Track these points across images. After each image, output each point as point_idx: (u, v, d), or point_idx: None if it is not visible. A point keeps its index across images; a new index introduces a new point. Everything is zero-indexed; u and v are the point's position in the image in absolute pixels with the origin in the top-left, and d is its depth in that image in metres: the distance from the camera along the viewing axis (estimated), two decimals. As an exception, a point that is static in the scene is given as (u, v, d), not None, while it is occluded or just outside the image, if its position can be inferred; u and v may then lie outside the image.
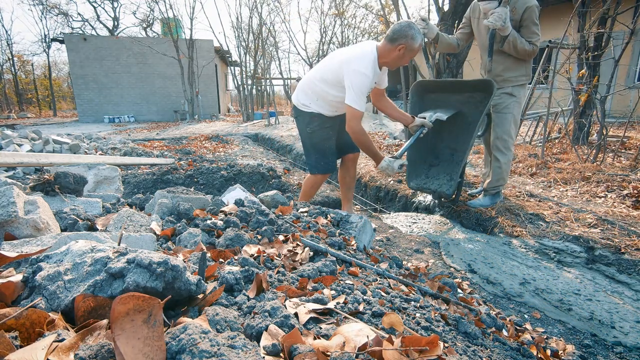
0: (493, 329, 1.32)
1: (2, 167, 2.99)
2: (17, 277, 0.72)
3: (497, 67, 2.75)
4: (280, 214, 1.76)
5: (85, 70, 15.27)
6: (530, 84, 3.93)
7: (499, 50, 2.66)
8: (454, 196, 3.08)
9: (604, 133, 4.08)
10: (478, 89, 2.81)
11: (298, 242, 1.34)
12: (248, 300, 0.82)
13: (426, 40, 2.84)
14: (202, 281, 0.75)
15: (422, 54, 4.17)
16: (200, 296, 0.75)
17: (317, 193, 3.64)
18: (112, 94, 15.86)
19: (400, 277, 1.39)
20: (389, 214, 3.37)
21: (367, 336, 0.71)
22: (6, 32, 34.37)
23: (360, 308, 0.92)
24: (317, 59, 21.14)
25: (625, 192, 3.10)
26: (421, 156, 3.14)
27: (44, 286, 0.68)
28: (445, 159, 3.09)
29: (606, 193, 3.15)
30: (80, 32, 23.17)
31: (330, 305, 0.87)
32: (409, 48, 2.23)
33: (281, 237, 1.38)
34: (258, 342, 0.65)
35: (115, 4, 23.97)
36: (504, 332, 1.37)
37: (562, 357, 1.38)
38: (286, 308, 0.81)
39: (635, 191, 3.06)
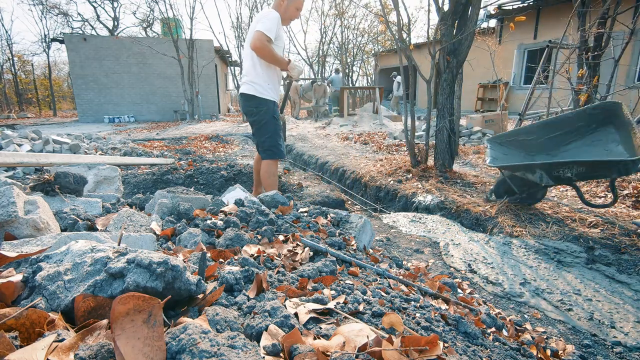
0: (493, 329, 1.32)
1: (2, 167, 2.99)
2: (17, 277, 0.72)
3: None
4: (280, 214, 1.76)
5: (85, 70, 15.25)
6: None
7: None
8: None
9: (604, 133, 4.07)
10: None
11: (298, 242, 1.34)
12: (248, 300, 0.82)
13: None
14: (202, 281, 0.75)
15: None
16: (200, 296, 0.75)
17: (317, 193, 3.64)
18: (112, 94, 15.84)
19: (400, 277, 1.39)
20: (389, 214, 3.37)
21: (367, 336, 0.71)
22: (6, 32, 34.29)
23: (360, 308, 0.91)
24: (317, 59, 21.18)
25: (625, 192, 3.10)
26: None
27: (44, 286, 0.68)
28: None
29: (606, 193, 3.15)
30: (80, 32, 23.15)
31: (330, 305, 0.87)
32: None
33: (281, 237, 1.38)
34: (258, 342, 0.65)
35: (115, 4, 23.93)
36: (504, 332, 1.37)
37: (562, 357, 1.38)
38: (286, 308, 0.80)
39: (635, 191, 3.06)
